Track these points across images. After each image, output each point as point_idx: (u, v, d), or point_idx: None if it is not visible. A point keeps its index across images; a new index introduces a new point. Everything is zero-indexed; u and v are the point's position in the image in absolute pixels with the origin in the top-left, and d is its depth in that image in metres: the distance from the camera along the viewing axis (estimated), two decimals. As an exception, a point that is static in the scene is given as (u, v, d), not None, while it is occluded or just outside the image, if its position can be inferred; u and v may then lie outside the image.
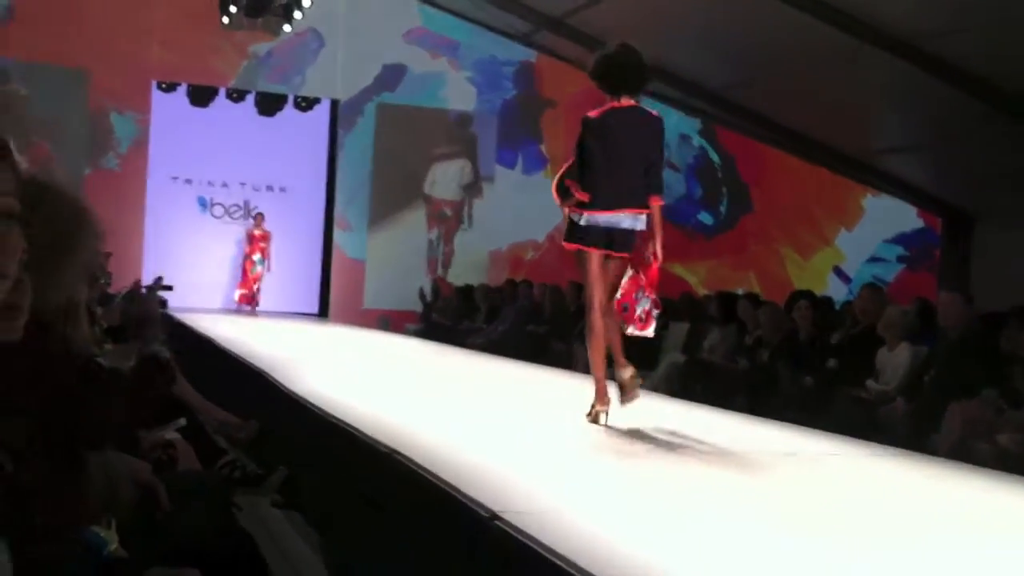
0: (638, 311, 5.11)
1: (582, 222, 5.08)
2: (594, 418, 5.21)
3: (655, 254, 5.10)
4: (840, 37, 9.78)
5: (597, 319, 5.14)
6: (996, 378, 6.46)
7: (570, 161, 5.27)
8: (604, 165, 5.04)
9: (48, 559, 2.01)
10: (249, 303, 15.83)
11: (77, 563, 2.26)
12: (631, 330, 5.19)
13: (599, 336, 5.14)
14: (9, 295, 1.48)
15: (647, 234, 5.15)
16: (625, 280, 5.12)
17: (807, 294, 9.49)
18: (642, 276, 5.13)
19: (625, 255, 5.16)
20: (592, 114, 5.18)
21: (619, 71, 5.21)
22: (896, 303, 8.63)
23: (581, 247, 5.13)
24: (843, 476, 4.48)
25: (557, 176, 5.33)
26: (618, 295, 5.11)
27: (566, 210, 5.19)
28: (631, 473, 4.21)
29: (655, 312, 5.20)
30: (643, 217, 5.09)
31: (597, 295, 5.14)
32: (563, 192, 5.20)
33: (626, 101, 5.18)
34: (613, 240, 5.10)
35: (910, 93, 11.01)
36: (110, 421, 2.99)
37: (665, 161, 5.11)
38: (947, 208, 13.77)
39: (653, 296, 5.17)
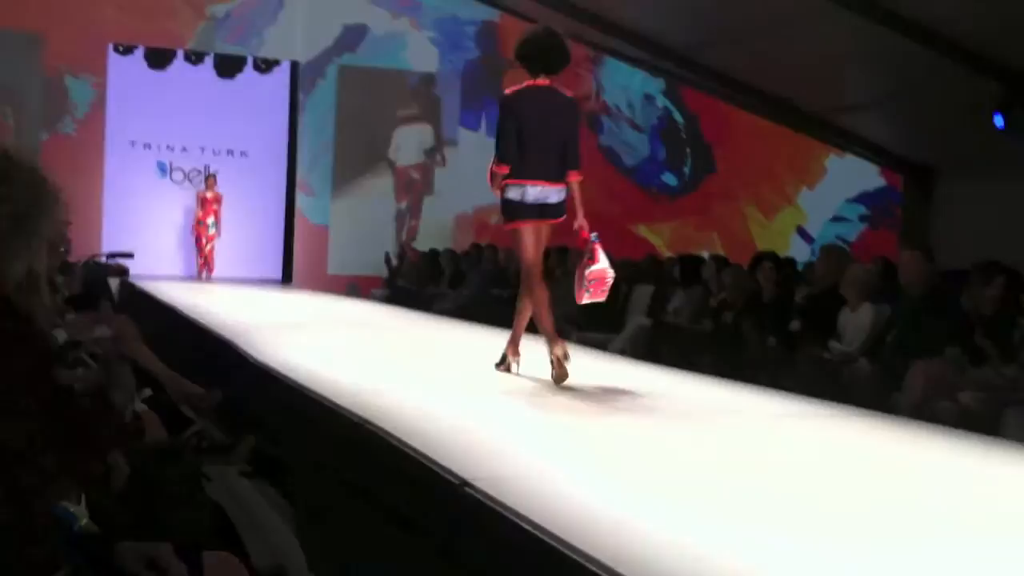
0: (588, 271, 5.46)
1: (513, 196, 5.36)
2: (507, 367, 5.68)
3: (581, 227, 5.45)
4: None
5: (541, 289, 5.49)
6: (958, 336, 6.52)
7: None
8: (524, 138, 5.32)
9: (13, 531, 1.98)
10: (205, 269, 15.62)
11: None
12: (586, 298, 5.51)
13: (536, 298, 5.46)
14: None
15: (570, 209, 5.46)
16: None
17: (771, 255, 9.54)
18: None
19: (556, 220, 5.47)
20: (508, 92, 5.46)
21: (542, 52, 5.44)
22: (859, 262, 8.70)
23: (518, 225, 5.42)
24: (801, 437, 4.52)
25: (488, 166, 5.50)
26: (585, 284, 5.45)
27: (498, 193, 5.46)
28: (599, 437, 4.23)
29: (600, 254, 5.46)
30: (564, 189, 5.41)
31: (537, 267, 5.49)
32: (492, 176, 5.47)
33: (542, 81, 5.45)
34: (546, 211, 5.41)
35: (870, 50, 11.05)
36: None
37: (628, 121, 5.34)
38: (908, 165, 13.86)
39: (593, 249, 5.46)
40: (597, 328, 10.21)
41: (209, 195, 15.63)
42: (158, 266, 15.11)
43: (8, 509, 1.95)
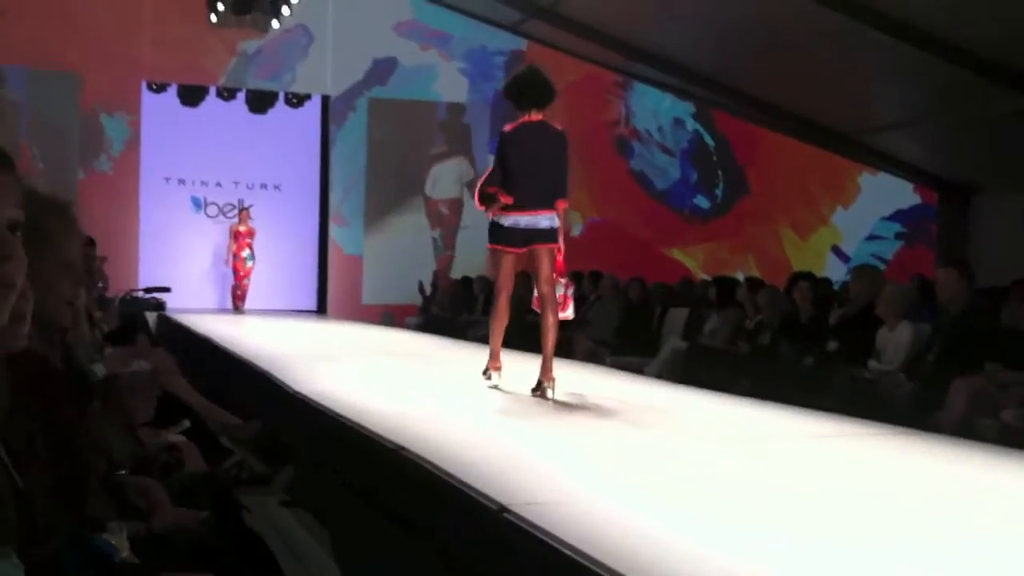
0: (557, 296, 5.93)
1: (506, 223, 5.85)
2: (488, 376, 6.18)
3: (559, 248, 5.90)
4: (830, 16, 9.76)
5: (504, 306, 6.06)
6: (998, 353, 6.44)
7: (489, 170, 6.01)
8: (520, 171, 5.79)
9: (54, 565, 2.00)
10: (242, 302, 15.64)
11: (88, 570, 2.25)
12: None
13: (502, 318, 6.07)
14: (15, 304, 1.47)
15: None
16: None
17: (807, 275, 9.48)
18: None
19: (549, 245, 5.88)
20: (507, 128, 5.93)
21: (528, 90, 5.89)
22: (895, 281, 8.63)
23: (500, 247, 5.92)
24: (844, 457, 4.47)
25: (479, 185, 5.99)
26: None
27: (490, 214, 5.94)
28: (638, 461, 4.21)
29: (570, 291, 6.07)
30: (555, 216, 5.85)
31: (506, 288, 6.03)
32: (485, 199, 5.95)
33: (535, 116, 5.89)
34: (534, 237, 5.84)
35: (901, 69, 11.00)
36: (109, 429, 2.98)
37: (658, 145, 5.74)
38: (943, 182, 13.76)
39: (564, 279, 5.99)
40: (632, 352, 10.19)
41: (242, 228, 15.68)
42: (194, 300, 15.25)
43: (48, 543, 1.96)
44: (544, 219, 5.82)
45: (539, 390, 5.79)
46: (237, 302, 15.59)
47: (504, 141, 5.89)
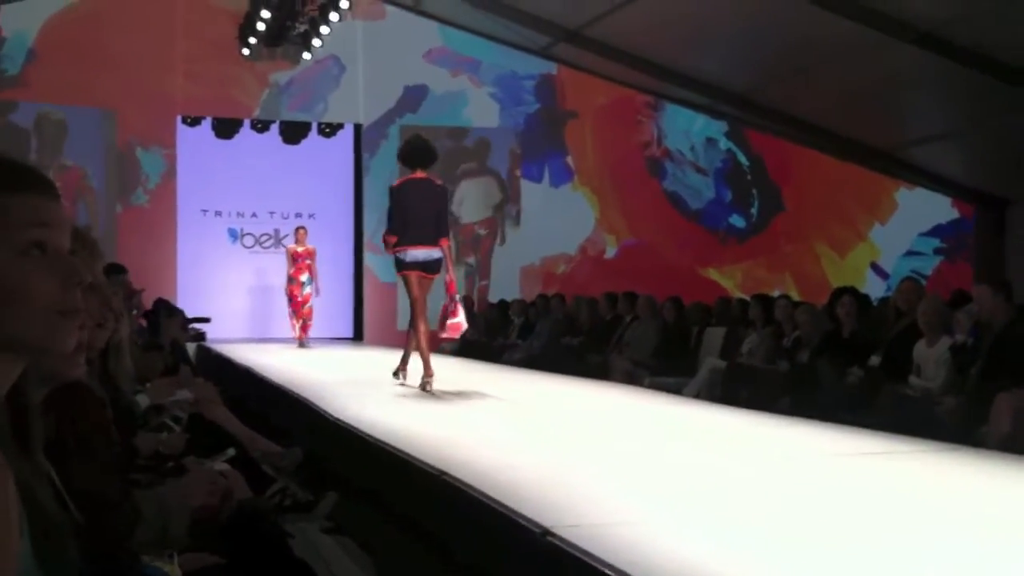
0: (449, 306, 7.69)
1: (406, 258, 7.53)
2: (427, 387, 7.35)
3: (451, 281, 7.68)
4: (861, 31, 9.73)
5: (422, 321, 7.63)
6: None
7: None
8: (412, 217, 7.47)
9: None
10: (305, 333, 13.83)
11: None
12: (446, 334, 7.90)
13: (425, 333, 7.62)
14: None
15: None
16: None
17: (850, 290, 9.37)
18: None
19: (434, 275, 7.64)
20: (395, 183, 7.78)
21: (415, 153, 7.70)
22: (933, 295, 8.54)
23: (408, 272, 7.56)
24: (892, 475, 4.43)
25: (383, 234, 7.81)
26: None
27: (391, 252, 7.66)
28: (679, 483, 4.18)
29: (459, 305, 7.73)
30: (440, 250, 7.55)
31: (420, 303, 7.61)
32: (386, 244, 7.71)
33: (420, 174, 7.61)
34: (428, 267, 7.54)
35: (933, 82, 10.93)
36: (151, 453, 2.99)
37: (692, 165, 6.83)
38: (979, 195, 13.64)
39: (452, 295, 7.70)
40: (670, 373, 10.15)
41: (300, 249, 13.89)
42: (232, 330, 15.34)
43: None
44: (434, 252, 7.52)
45: (421, 386, 7.36)
46: (301, 333, 13.82)
47: (393, 194, 7.64)
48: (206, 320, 14.09)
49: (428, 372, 7.44)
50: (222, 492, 2.75)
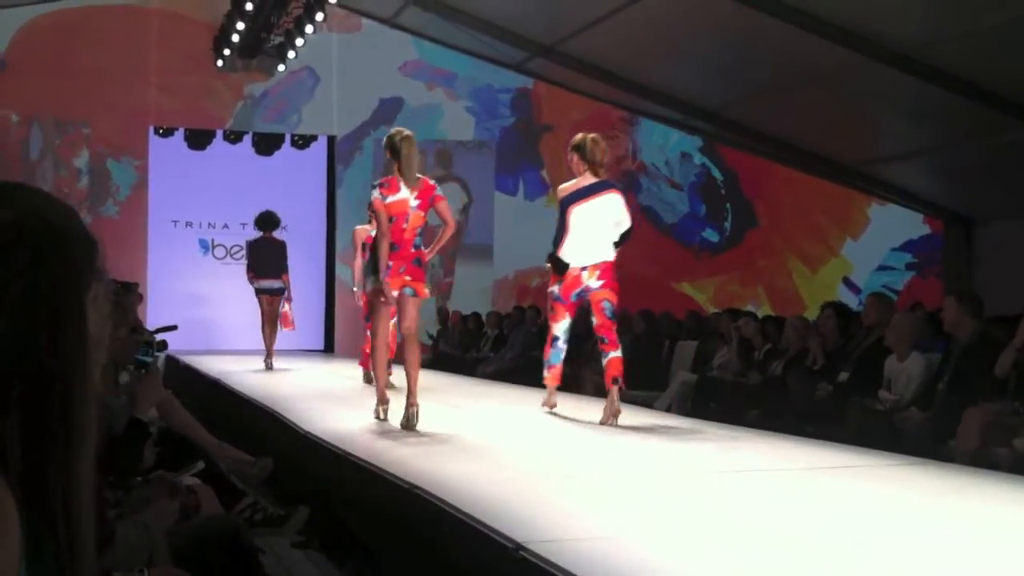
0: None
1: (258, 286, 11.41)
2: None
3: (287, 296, 11.45)
4: (835, 50, 9.80)
5: (272, 327, 11.59)
6: (1009, 382, 6.41)
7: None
8: (261, 260, 11.41)
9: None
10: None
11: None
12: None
13: (269, 334, 11.70)
14: None
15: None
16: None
17: (836, 305, 9.42)
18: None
19: (281, 297, 11.36)
20: (251, 240, 11.68)
21: (266, 218, 11.50)
22: (903, 311, 8.60)
23: (260, 296, 11.42)
24: (859, 489, 4.45)
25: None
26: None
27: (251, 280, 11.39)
28: (652, 498, 4.19)
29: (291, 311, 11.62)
30: (280, 281, 11.38)
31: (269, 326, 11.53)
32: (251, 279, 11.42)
33: (268, 233, 11.55)
34: (272, 292, 11.38)
35: (906, 102, 11.03)
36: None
37: (666, 179, 6.04)
38: (948, 212, 13.76)
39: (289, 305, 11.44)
40: (641, 386, 10.17)
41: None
42: (203, 342, 15.24)
43: None
44: (275, 283, 11.37)
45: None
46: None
47: (250, 247, 11.72)
48: (173, 328, 13.97)
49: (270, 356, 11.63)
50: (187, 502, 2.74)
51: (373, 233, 7.09)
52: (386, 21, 15.10)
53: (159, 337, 6.86)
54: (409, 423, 5.88)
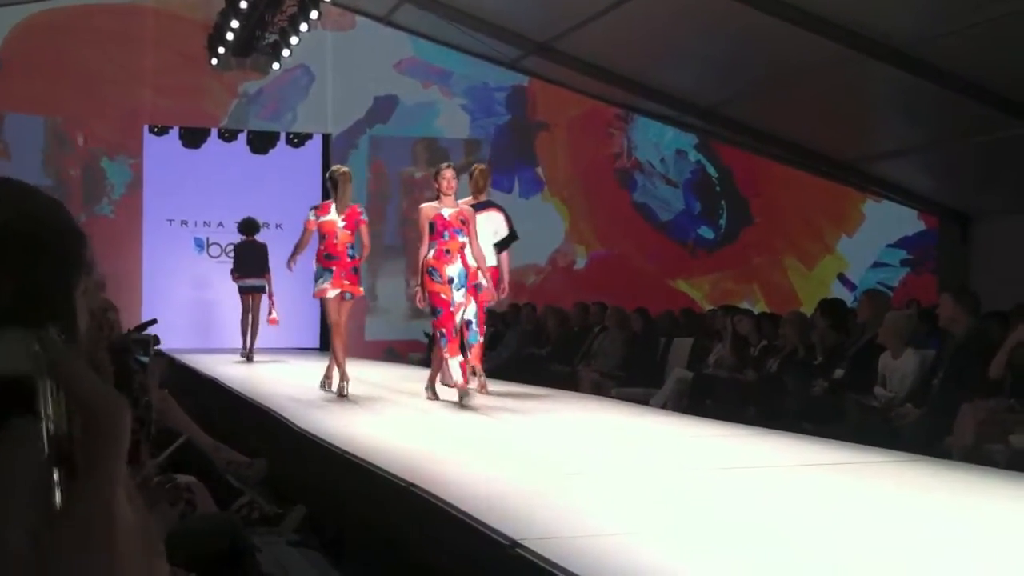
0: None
1: (240, 284, 12.44)
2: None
3: (270, 294, 12.45)
4: (830, 47, 9.81)
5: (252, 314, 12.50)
6: (1005, 378, 6.42)
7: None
8: (245, 261, 12.51)
9: None
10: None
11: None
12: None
13: (251, 323, 12.59)
14: None
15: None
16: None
17: (835, 302, 9.42)
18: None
19: (262, 294, 12.39)
20: (237, 243, 12.65)
21: (248, 225, 12.70)
22: (897, 309, 8.60)
23: (241, 295, 12.48)
24: (856, 486, 4.46)
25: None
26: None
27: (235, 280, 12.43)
28: (648, 494, 4.19)
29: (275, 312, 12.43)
30: (263, 280, 12.48)
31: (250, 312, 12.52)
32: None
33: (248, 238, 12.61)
34: (254, 290, 12.40)
35: (901, 99, 11.04)
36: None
37: (661, 177, 6.05)
38: (943, 208, 13.78)
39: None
40: (637, 383, 10.18)
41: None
42: (198, 340, 15.21)
43: None
44: (259, 281, 12.39)
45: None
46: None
47: (235, 250, 12.82)
48: (152, 322, 13.93)
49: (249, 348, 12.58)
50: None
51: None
52: (381, 19, 15.09)
53: (148, 332, 6.85)
54: (340, 393, 7.75)
